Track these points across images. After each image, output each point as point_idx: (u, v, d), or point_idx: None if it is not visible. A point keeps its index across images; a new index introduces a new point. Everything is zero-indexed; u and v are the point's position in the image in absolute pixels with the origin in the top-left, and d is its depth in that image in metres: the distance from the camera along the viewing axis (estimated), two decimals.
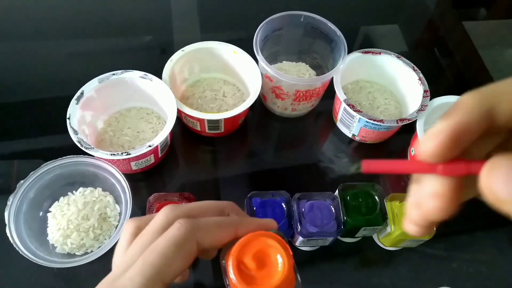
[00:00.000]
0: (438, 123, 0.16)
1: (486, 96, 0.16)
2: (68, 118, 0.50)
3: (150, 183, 0.58)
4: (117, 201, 0.52)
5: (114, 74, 0.55)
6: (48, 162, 0.50)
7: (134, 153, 0.49)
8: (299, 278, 0.26)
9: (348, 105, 0.56)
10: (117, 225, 0.51)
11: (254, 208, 0.48)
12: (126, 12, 0.76)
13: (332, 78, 0.58)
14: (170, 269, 0.25)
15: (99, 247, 0.47)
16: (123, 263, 0.26)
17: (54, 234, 0.49)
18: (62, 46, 0.71)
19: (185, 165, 0.61)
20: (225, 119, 0.55)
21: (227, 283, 0.26)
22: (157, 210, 0.47)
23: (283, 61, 0.67)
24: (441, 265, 0.53)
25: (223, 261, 0.26)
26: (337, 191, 0.50)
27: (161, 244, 0.25)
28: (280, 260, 0.26)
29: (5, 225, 0.46)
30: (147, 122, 0.59)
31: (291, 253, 0.26)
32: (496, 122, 0.16)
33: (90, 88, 0.53)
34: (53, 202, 0.51)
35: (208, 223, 0.27)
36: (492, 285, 0.53)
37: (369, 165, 0.19)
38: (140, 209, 0.53)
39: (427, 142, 0.16)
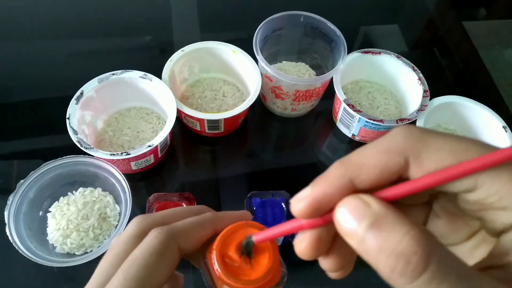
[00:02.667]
0: (306, 187, 0.20)
1: (346, 170, 0.18)
2: (68, 118, 0.50)
3: (150, 183, 0.58)
4: (117, 201, 0.52)
5: (113, 74, 0.55)
6: (48, 162, 0.50)
7: (134, 153, 0.49)
8: (285, 266, 0.26)
9: (348, 105, 0.56)
10: (117, 225, 0.51)
11: (254, 208, 0.48)
12: (126, 12, 0.76)
13: (332, 78, 0.58)
14: (154, 281, 0.24)
15: (99, 246, 0.47)
16: (95, 279, 0.24)
17: (53, 233, 0.49)
18: (62, 46, 0.71)
19: (185, 165, 0.61)
20: (225, 119, 0.55)
21: (210, 280, 0.25)
22: (157, 210, 0.47)
23: (283, 61, 0.67)
24: None
25: (205, 260, 0.26)
26: None
27: (141, 255, 0.24)
28: (264, 247, 0.25)
29: (5, 224, 0.46)
30: (147, 122, 0.59)
31: (275, 240, 0.25)
32: (358, 189, 0.19)
33: (89, 88, 0.53)
34: (53, 202, 0.51)
35: (186, 225, 0.26)
36: None
37: (259, 237, 0.23)
38: (140, 209, 0.53)
39: (295, 205, 0.19)
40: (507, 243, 0.18)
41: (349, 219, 0.18)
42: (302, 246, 0.20)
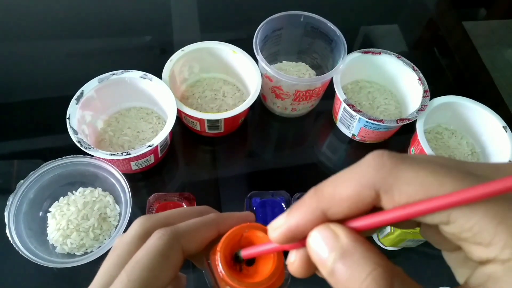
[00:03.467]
0: (281, 216, 0.20)
1: (318, 202, 0.19)
2: (68, 118, 0.50)
3: (150, 183, 0.58)
4: (117, 201, 0.52)
5: (114, 74, 0.55)
6: (48, 162, 0.50)
7: (134, 153, 0.49)
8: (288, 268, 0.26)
9: (348, 105, 0.56)
10: (117, 225, 0.51)
11: (254, 208, 0.48)
12: (126, 12, 0.76)
13: (332, 78, 0.58)
14: (158, 282, 0.23)
15: (99, 247, 0.47)
16: (99, 280, 0.24)
17: (54, 234, 0.49)
18: (62, 46, 0.71)
19: (185, 165, 0.61)
20: (225, 119, 0.55)
21: (213, 282, 0.25)
22: (157, 210, 0.47)
23: (283, 61, 0.67)
24: (441, 265, 0.53)
25: (209, 261, 0.26)
26: None
27: (145, 256, 0.24)
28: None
29: (5, 225, 0.46)
30: (147, 122, 0.59)
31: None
32: (331, 219, 0.19)
33: (90, 88, 0.53)
34: (53, 202, 0.51)
35: (189, 226, 0.26)
36: None
37: (246, 253, 0.24)
38: (140, 209, 0.53)
39: (271, 233, 0.20)
40: (480, 277, 0.18)
41: (320, 249, 0.19)
42: (294, 266, 0.21)
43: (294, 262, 0.21)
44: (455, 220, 0.17)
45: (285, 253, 0.25)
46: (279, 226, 0.20)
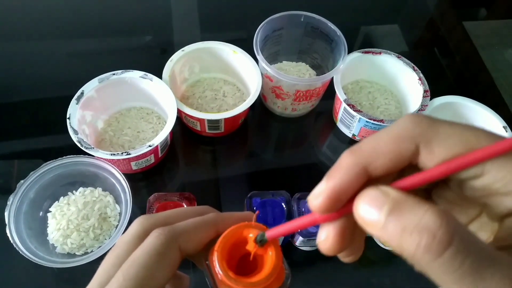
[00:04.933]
0: (321, 182, 0.20)
1: (359, 158, 0.19)
2: (68, 118, 0.50)
3: (150, 183, 0.58)
4: (117, 201, 0.52)
5: (114, 74, 0.55)
6: (48, 162, 0.50)
7: (134, 153, 0.49)
8: (288, 268, 0.26)
9: (348, 105, 0.56)
10: (117, 225, 0.51)
11: (254, 208, 0.48)
12: (126, 12, 0.76)
13: (332, 78, 0.58)
14: (154, 281, 0.23)
15: (99, 247, 0.47)
16: (97, 279, 0.24)
17: (54, 234, 0.49)
18: (62, 46, 0.71)
19: (185, 165, 0.61)
20: (225, 119, 0.55)
21: (212, 282, 0.25)
22: (157, 210, 0.47)
23: (283, 61, 0.67)
24: None
25: (207, 261, 0.25)
26: None
27: (142, 256, 0.24)
28: (267, 248, 0.25)
29: (5, 225, 0.46)
30: (147, 122, 0.59)
31: (278, 242, 0.25)
32: (372, 176, 0.19)
33: (90, 88, 0.53)
34: (53, 202, 0.51)
35: (187, 226, 0.26)
36: None
37: (272, 233, 0.23)
38: (140, 209, 0.53)
39: (313, 201, 0.20)
40: (510, 226, 0.18)
41: (369, 210, 0.18)
42: (328, 242, 0.20)
43: (328, 238, 0.20)
44: (488, 171, 0.18)
45: (285, 254, 0.25)
46: (321, 192, 0.19)
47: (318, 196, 0.19)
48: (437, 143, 0.18)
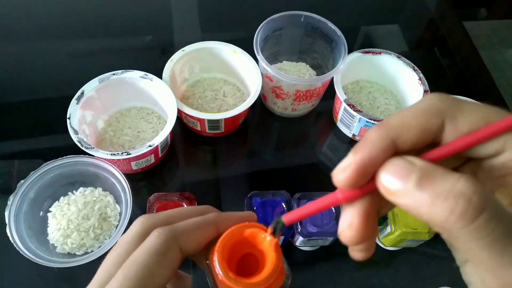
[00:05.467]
0: (348, 156, 0.19)
1: (388, 131, 0.19)
2: (68, 118, 0.51)
3: (151, 183, 0.58)
4: (118, 201, 0.53)
5: (114, 74, 0.55)
6: (48, 162, 0.50)
7: (134, 153, 0.49)
8: (288, 268, 0.26)
9: (349, 105, 0.56)
10: (117, 224, 0.51)
11: (254, 208, 0.48)
12: (126, 12, 0.76)
13: (333, 78, 0.58)
14: (154, 281, 0.23)
15: (100, 247, 0.47)
16: (97, 279, 0.24)
17: (54, 234, 0.49)
18: (62, 46, 0.71)
19: (185, 165, 0.61)
20: (225, 119, 0.55)
21: (212, 282, 0.25)
22: (158, 210, 0.47)
23: (283, 61, 0.67)
24: (441, 265, 0.53)
25: (207, 261, 0.25)
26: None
27: (142, 255, 0.24)
28: (268, 249, 0.24)
29: (6, 225, 0.46)
30: (148, 122, 0.59)
31: (279, 242, 0.25)
32: (399, 151, 0.19)
33: (90, 88, 0.53)
34: (53, 202, 0.52)
35: (188, 225, 0.26)
36: None
37: (290, 217, 0.23)
38: (141, 208, 0.53)
39: (339, 175, 0.19)
40: None
41: (396, 178, 0.18)
42: (352, 230, 0.20)
43: (352, 224, 0.20)
44: (510, 147, 0.18)
45: (285, 254, 0.25)
46: (348, 165, 0.19)
47: (346, 170, 0.19)
48: (462, 119, 0.19)
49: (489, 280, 0.17)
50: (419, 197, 0.17)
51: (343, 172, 0.19)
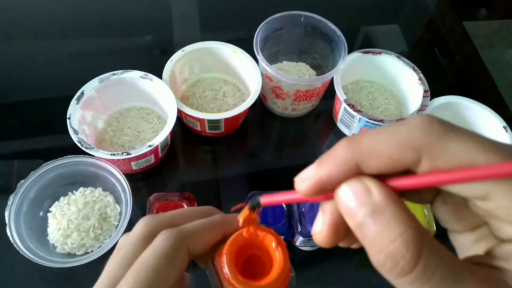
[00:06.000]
0: (311, 166, 0.19)
1: (354, 154, 0.18)
2: (68, 118, 0.51)
3: (150, 183, 0.58)
4: (118, 201, 0.53)
5: (114, 74, 0.55)
6: (48, 162, 0.50)
7: (134, 153, 0.49)
8: (293, 270, 0.26)
9: (348, 105, 0.56)
10: (117, 225, 0.51)
11: None
12: (126, 12, 0.76)
13: (332, 78, 0.58)
14: (164, 283, 0.23)
15: (100, 247, 0.47)
16: (103, 280, 0.24)
17: (54, 234, 0.49)
18: (62, 46, 0.71)
19: (185, 165, 0.61)
20: (225, 119, 0.55)
21: (217, 283, 0.25)
22: (158, 210, 0.47)
23: (283, 61, 0.67)
24: None
25: (214, 262, 0.26)
26: None
27: (151, 258, 0.24)
28: (275, 252, 0.25)
29: (6, 224, 0.46)
30: (148, 122, 0.59)
31: (285, 244, 0.25)
32: (364, 172, 0.18)
33: (90, 88, 0.53)
34: (53, 202, 0.52)
35: (195, 227, 0.26)
36: None
37: (266, 200, 0.24)
38: (141, 208, 0.53)
39: (299, 185, 0.20)
40: (507, 252, 0.18)
41: (350, 202, 0.18)
42: (322, 235, 0.20)
43: (322, 230, 0.20)
44: (494, 197, 0.17)
45: (291, 255, 0.25)
46: (308, 178, 0.19)
47: (305, 181, 0.19)
48: (443, 159, 0.17)
49: None
50: (364, 231, 0.17)
51: (302, 183, 0.19)
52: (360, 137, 0.18)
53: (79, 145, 0.49)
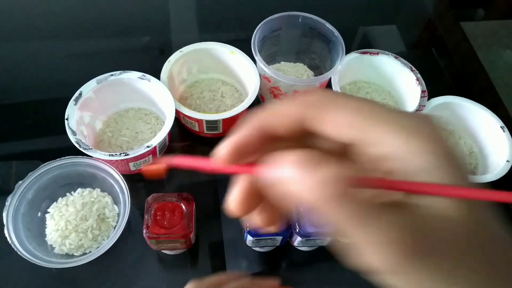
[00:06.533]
0: (226, 139, 0.21)
1: (262, 116, 0.20)
2: (66, 119, 0.51)
3: (148, 183, 0.58)
4: (116, 201, 0.53)
5: (112, 75, 0.55)
6: (46, 163, 0.50)
7: (132, 154, 0.49)
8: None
9: None
10: (116, 225, 0.51)
11: None
12: (124, 13, 0.76)
13: (330, 78, 0.58)
14: None
15: (98, 247, 0.47)
16: None
17: (52, 234, 0.49)
18: (60, 46, 0.71)
19: None
20: (224, 120, 0.55)
21: None
22: (156, 211, 0.47)
23: (281, 62, 0.67)
24: None
25: None
26: None
27: None
28: None
29: (4, 225, 0.46)
30: (146, 122, 0.59)
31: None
32: (272, 136, 0.20)
33: (88, 89, 0.53)
34: (51, 202, 0.51)
35: None
36: None
37: (175, 161, 0.24)
38: (139, 209, 0.53)
39: (217, 154, 0.21)
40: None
41: (272, 170, 0.19)
42: (233, 203, 0.22)
43: (232, 200, 0.22)
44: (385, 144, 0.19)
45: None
46: (224, 146, 0.21)
47: (221, 149, 0.21)
48: (335, 113, 0.19)
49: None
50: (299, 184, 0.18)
51: (219, 152, 0.21)
52: (264, 108, 0.21)
53: (77, 146, 0.49)
